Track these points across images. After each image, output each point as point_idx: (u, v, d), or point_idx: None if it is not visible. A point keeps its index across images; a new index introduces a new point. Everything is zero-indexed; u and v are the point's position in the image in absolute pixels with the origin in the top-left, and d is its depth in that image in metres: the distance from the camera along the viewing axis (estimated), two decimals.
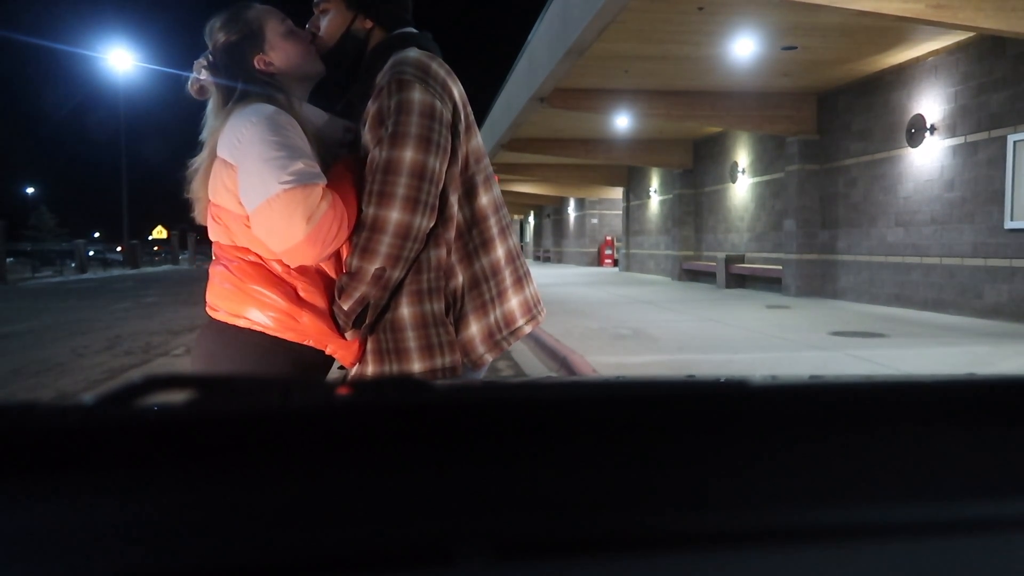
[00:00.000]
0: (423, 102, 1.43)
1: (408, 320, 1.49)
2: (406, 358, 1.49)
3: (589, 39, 8.56)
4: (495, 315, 1.55)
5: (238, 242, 1.49)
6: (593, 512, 0.42)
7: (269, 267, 1.48)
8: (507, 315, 1.57)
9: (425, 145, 1.42)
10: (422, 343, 1.49)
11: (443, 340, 1.50)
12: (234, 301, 1.47)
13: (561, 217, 32.11)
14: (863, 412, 0.54)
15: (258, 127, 1.42)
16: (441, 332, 1.50)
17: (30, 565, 0.37)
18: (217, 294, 1.50)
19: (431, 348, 1.49)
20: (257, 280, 1.47)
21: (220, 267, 1.51)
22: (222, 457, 0.45)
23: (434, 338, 1.49)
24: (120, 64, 34.48)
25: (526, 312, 1.61)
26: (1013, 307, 7.92)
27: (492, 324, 1.55)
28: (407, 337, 1.49)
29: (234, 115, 1.47)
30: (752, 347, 6.32)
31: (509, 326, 1.57)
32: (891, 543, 0.42)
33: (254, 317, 1.46)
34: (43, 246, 37.01)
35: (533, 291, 1.65)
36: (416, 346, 1.49)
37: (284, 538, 0.39)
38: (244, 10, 1.56)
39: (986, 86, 8.32)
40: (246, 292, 1.47)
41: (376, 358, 1.51)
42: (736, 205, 14.66)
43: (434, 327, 1.49)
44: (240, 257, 1.49)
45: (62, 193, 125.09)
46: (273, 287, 1.46)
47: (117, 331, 9.00)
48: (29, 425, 0.45)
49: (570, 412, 0.52)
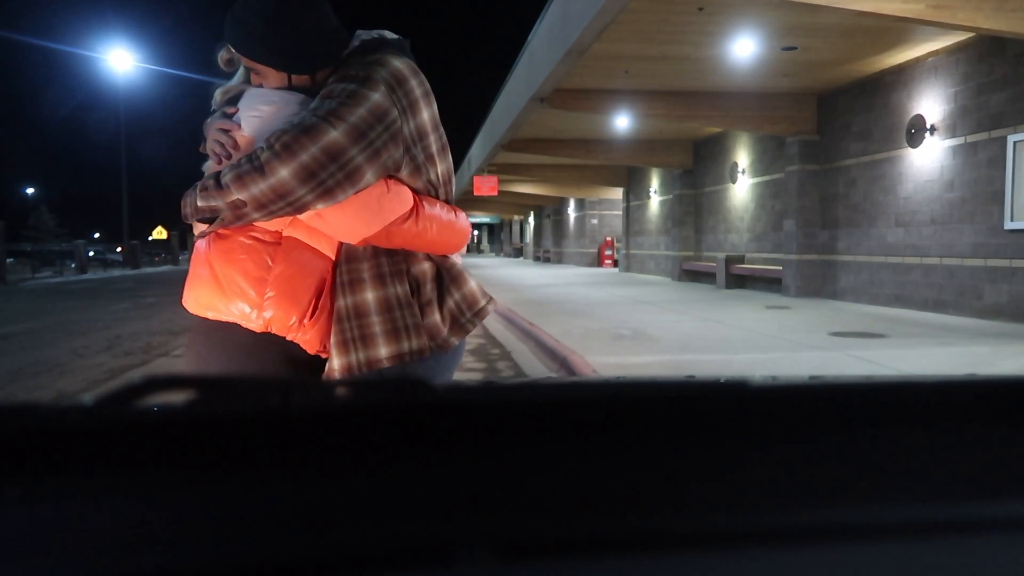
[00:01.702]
0: (378, 103, 1.40)
1: (372, 305, 1.48)
2: (372, 343, 1.47)
3: (589, 39, 8.56)
4: (455, 299, 1.55)
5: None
6: (593, 512, 0.42)
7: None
8: (468, 296, 1.57)
9: (355, 135, 1.37)
10: (388, 327, 1.48)
11: (408, 323, 1.49)
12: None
13: (561, 217, 32.11)
14: (863, 412, 0.54)
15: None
16: (406, 315, 1.49)
17: (30, 566, 0.37)
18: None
19: (397, 332, 1.48)
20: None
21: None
22: (222, 457, 0.45)
23: (399, 321, 1.48)
24: (120, 64, 34.50)
25: (484, 294, 1.61)
26: (1013, 307, 7.92)
27: (453, 308, 1.55)
28: (372, 323, 1.48)
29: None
30: (752, 348, 6.32)
31: (472, 307, 1.57)
32: (891, 543, 0.42)
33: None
34: (43, 246, 37.03)
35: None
36: (382, 331, 1.47)
37: (284, 538, 0.39)
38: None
39: (986, 86, 8.32)
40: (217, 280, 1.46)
41: (341, 349, 1.48)
42: (736, 205, 14.66)
43: (399, 309, 1.48)
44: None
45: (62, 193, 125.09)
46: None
47: (117, 331, 9.00)
48: (29, 426, 0.45)
49: (570, 413, 0.52)
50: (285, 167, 1.34)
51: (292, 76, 1.51)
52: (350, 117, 1.38)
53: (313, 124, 1.36)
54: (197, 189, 1.44)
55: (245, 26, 1.48)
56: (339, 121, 1.37)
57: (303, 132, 1.35)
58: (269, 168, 1.35)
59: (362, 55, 1.50)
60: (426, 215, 1.50)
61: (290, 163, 1.34)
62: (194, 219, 1.46)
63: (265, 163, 1.35)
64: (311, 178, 1.35)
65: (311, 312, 1.49)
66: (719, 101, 11.59)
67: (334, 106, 1.38)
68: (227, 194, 1.38)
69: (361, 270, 1.49)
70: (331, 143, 1.35)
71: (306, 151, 1.34)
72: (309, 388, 0.69)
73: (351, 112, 1.38)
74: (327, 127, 1.36)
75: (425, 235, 1.50)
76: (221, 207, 1.40)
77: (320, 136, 1.35)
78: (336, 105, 1.38)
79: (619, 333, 7.29)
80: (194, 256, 1.53)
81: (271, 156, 1.35)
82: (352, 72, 1.44)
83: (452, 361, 1.58)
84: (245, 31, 1.48)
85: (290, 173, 1.35)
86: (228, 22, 1.50)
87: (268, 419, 0.48)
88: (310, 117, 1.37)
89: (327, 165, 1.35)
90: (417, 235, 1.50)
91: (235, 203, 1.38)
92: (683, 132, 15.20)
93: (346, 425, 0.49)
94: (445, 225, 1.54)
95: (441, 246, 1.54)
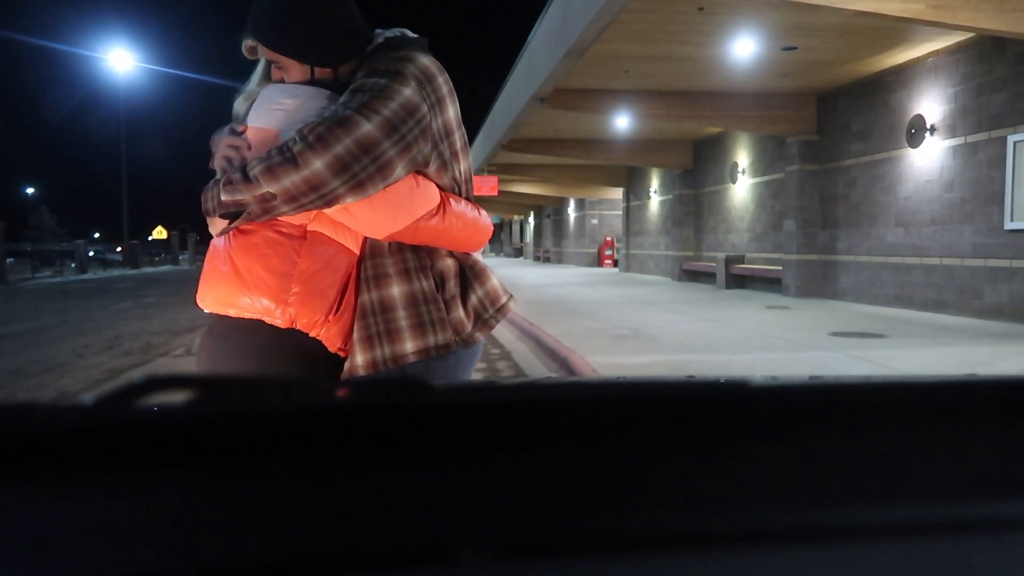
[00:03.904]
0: (409, 97, 1.41)
1: (399, 299, 1.47)
2: (398, 338, 1.46)
3: (589, 39, 8.56)
4: (478, 295, 1.55)
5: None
6: (593, 512, 0.42)
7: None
8: (490, 293, 1.57)
9: (388, 129, 1.37)
10: (413, 321, 1.47)
11: (434, 317, 1.48)
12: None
13: (561, 218, 32.10)
14: (863, 412, 0.54)
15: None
16: (432, 309, 1.48)
17: (30, 565, 0.37)
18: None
19: (423, 326, 1.47)
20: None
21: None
22: (222, 457, 0.45)
23: (425, 315, 1.48)
24: (120, 64, 34.50)
25: (505, 291, 1.62)
26: (1013, 307, 7.92)
27: (477, 304, 1.54)
28: (398, 316, 1.47)
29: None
30: (752, 347, 6.32)
31: (494, 303, 1.57)
32: (891, 543, 0.42)
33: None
34: (43, 246, 36.97)
35: None
36: (408, 325, 1.47)
37: (284, 538, 0.39)
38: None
39: (986, 86, 8.32)
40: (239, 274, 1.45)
41: (365, 345, 1.47)
42: (736, 205, 14.66)
43: (424, 304, 1.48)
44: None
45: (62, 193, 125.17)
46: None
47: (117, 331, 9.00)
48: (29, 425, 0.45)
49: (570, 413, 0.52)
50: (319, 158, 1.33)
51: (315, 69, 1.52)
52: (383, 110, 1.37)
53: (347, 116, 1.35)
54: (220, 183, 1.41)
55: (270, 17, 1.48)
56: (372, 114, 1.36)
57: (337, 124, 1.34)
58: (303, 159, 1.33)
59: (387, 51, 1.49)
60: (452, 212, 1.50)
61: (324, 154, 1.33)
62: (217, 214, 1.43)
63: (299, 154, 1.33)
64: (344, 170, 1.34)
65: (336, 308, 1.47)
66: (719, 101, 11.59)
67: (367, 99, 1.38)
68: (256, 187, 1.36)
69: (386, 265, 1.49)
70: (365, 135, 1.35)
71: (340, 143, 1.33)
72: (309, 388, 0.69)
73: (384, 105, 1.38)
74: (361, 119, 1.35)
75: (450, 231, 1.50)
76: (248, 201, 1.38)
77: (354, 128, 1.34)
78: (368, 98, 1.38)
79: (619, 333, 7.29)
80: (211, 253, 1.50)
81: (304, 147, 1.33)
82: (381, 67, 1.44)
83: (472, 358, 1.58)
84: (270, 22, 1.48)
85: (324, 164, 1.33)
86: (253, 13, 1.50)
87: (268, 419, 0.48)
88: (343, 110, 1.37)
89: (360, 157, 1.35)
90: (443, 231, 1.50)
91: (263, 196, 1.36)
92: (683, 132, 15.20)
93: (346, 425, 0.49)
94: (469, 223, 1.54)
95: (464, 243, 1.55)
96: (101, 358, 6.91)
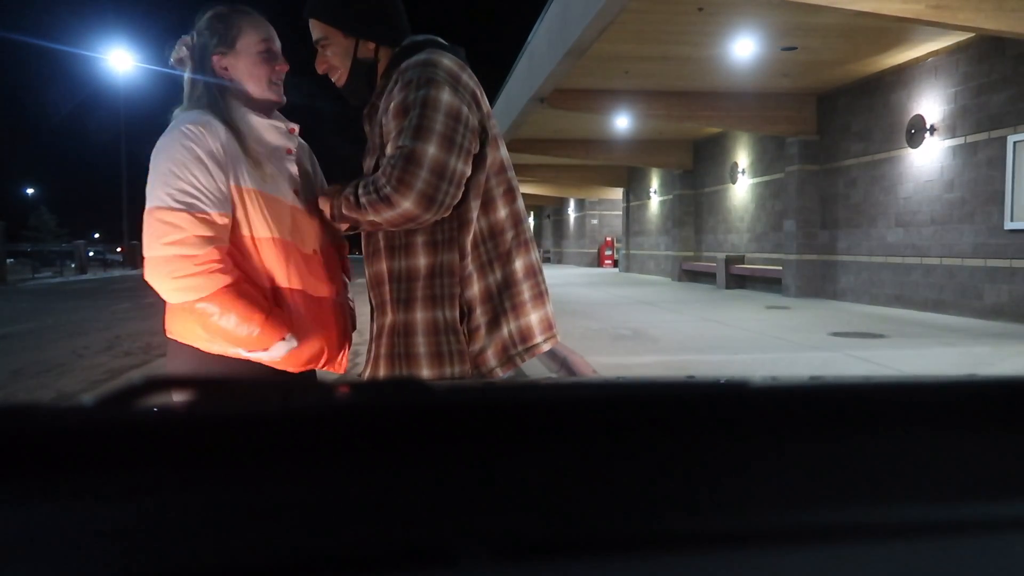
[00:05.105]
0: (450, 103, 1.44)
1: (420, 325, 1.49)
2: (415, 363, 1.49)
3: (589, 40, 8.56)
4: (509, 328, 1.54)
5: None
6: (593, 512, 0.42)
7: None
8: (523, 330, 1.56)
9: (448, 144, 1.42)
10: (432, 350, 1.49)
11: (453, 349, 1.49)
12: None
13: (561, 218, 32.11)
14: (863, 413, 0.54)
15: (165, 144, 1.47)
16: (452, 340, 1.49)
17: (30, 566, 0.37)
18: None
19: (440, 356, 1.49)
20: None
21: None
22: (222, 458, 0.45)
23: (444, 346, 1.49)
24: (120, 65, 34.49)
25: (546, 329, 1.60)
26: (1013, 307, 7.91)
27: (506, 338, 1.53)
28: (417, 343, 1.49)
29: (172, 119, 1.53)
30: (752, 348, 6.32)
31: (525, 341, 1.56)
32: (891, 543, 0.42)
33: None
34: (43, 247, 36.96)
35: (550, 310, 1.64)
36: (426, 352, 1.49)
37: (284, 538, 0.39)
38: (235, 12, 1.56)
39: (986, 87, 8.32)
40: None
41: (388, 362, 1.52)
42: (736, 206, 14.65)
43: (444, 335, 1.49)
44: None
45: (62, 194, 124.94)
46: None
47: (117, 332, 9.00)
48: (29, 426, 0.45)
49: (570, 413, 0.52)
50: (406, 199, 1.41)
51: (359, 43, 1.56)
52: (435, 126, 1.42)
53: (411, 149, 1.42)
54: (344, 194, 1.51)
55: None
56: (428, 133, 1.42)
57: (407, 160, 1.41)
58: (394, 200, 1.42)
59: (409, 53, 1.53)
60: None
61: (409, 195, 1.40)
62: (339, 223, 1.56)
63: (389, 196, 1.42)
64: (431, 202, 1.41)
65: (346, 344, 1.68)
66: (719, 101, 11.58)
67: (415, 121, 1.43)
68: (365, 214, 1.46)
69: (415, 289, 1.51)
70: (434, 161, 1.41)
71: (419, 178, 1.40)
72: (309, 388, 0.69)
73: (433, 120, 1.43)
74: (422, 145, 1.41)
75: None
76: (361, 221, 1.50)
77: (422, 156, 1.41)
78: (416, 119, 1.43)
79: (619, 333, 7.29)
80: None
81: (391, 192, 1.41)
82: (409, 78, 1.47)
83: None
84: None
85: (413, 203, 1.41)
86: None
87: (268, 419, 0.48)
88: (404, 141, 1.44)
89: (440, 185, 1.42)
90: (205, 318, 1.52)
91: (371, 221, 1.48)
92: (683, 132, 15.20)
93: (346, 425, 0.49)
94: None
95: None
96: (101, 358, 6.90)
